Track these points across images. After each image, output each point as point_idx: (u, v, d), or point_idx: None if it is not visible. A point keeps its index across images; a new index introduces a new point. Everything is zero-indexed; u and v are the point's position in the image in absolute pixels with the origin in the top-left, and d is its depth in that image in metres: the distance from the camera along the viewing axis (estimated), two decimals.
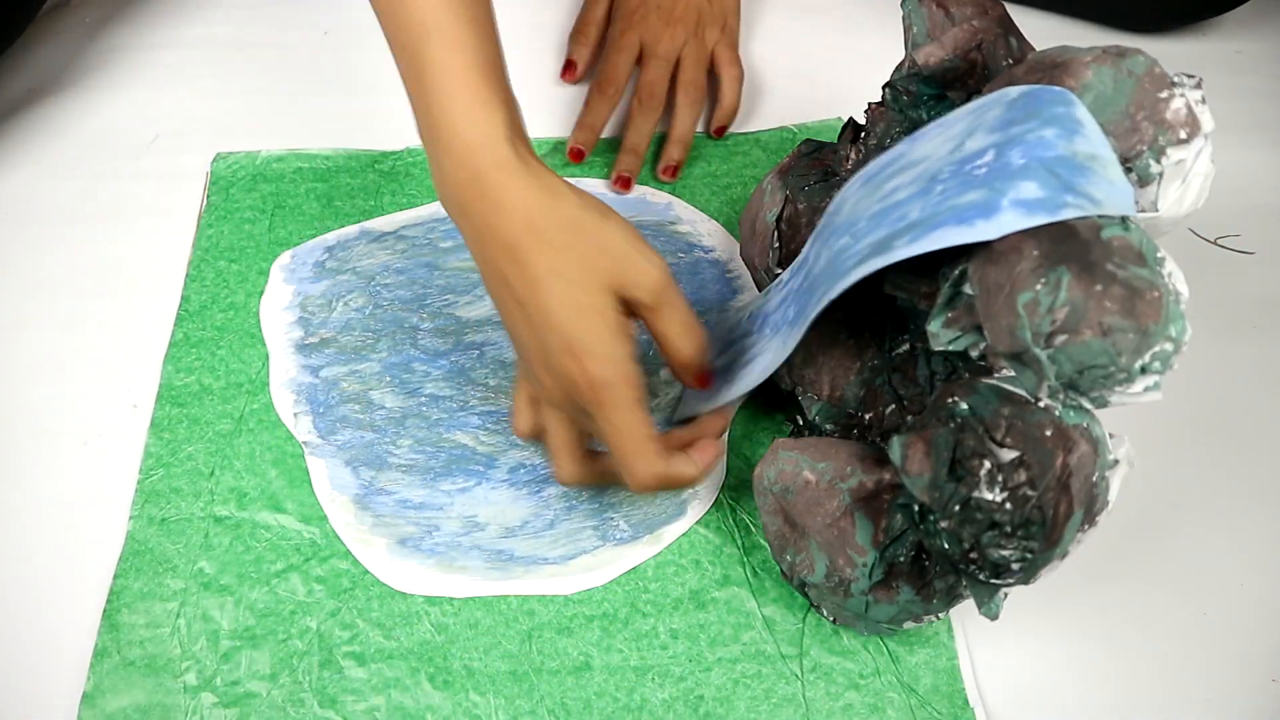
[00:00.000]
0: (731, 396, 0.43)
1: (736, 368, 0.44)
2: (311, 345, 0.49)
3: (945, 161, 0.36)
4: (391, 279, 0.52)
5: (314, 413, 0.47)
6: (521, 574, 0.42)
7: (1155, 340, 0.30)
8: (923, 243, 0.33)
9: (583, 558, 0.43)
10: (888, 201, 0.37)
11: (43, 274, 0.52)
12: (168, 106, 0.60)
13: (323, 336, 0.49)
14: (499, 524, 0.44)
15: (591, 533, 0.44)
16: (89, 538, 0.43)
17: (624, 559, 0.43)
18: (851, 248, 0.37)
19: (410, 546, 0.43)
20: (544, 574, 0.42)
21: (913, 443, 0.34)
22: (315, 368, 0.48)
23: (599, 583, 0.42)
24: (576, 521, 0.44)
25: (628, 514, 0.44)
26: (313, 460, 0.45)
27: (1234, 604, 0.43)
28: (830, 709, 0.39)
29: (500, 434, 0.47)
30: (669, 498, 0.45)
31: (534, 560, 0.43)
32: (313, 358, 0.48)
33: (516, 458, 0.46)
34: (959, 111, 0.37)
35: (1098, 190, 0.32)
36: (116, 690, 0.39)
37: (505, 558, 0.43)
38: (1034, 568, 0.33)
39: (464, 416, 0.47)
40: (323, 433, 0.46)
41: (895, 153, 0.39)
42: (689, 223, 0.55)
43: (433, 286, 0.51)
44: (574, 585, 0.42)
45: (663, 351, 0.40)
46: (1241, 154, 0.59)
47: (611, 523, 0.44)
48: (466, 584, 0.42)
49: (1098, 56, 0.34)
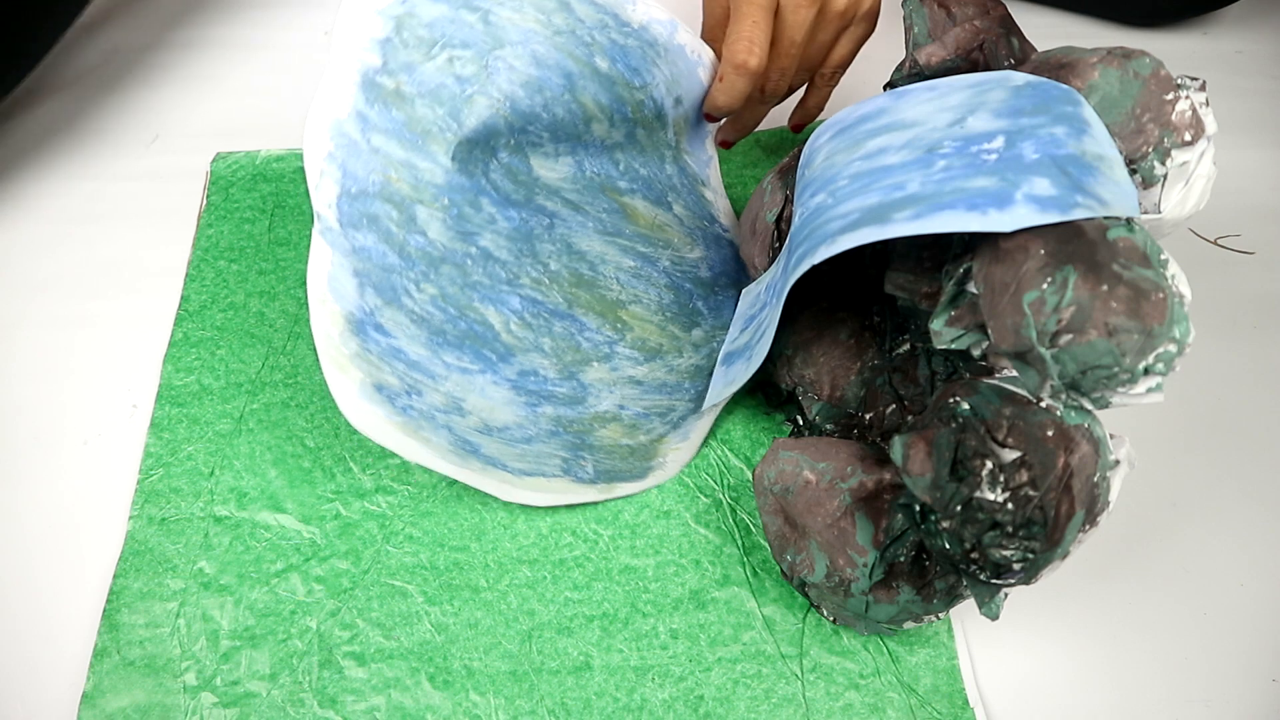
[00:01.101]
0: (749, 371, 0.43)
1: (754, 342, 0.44)
2: (381, 88, 0.36)
3: (945, 134, 0.35)
4: (521, 64, 0.39)
5: (345, 180, 0.36)
6: (478, 469, 0.41)
7: (1160, 341, 0.30)
8: (928, 221, 0.33)
9: (537, 478, 0.42)
10: (874, 163, 0.36)
11: (43, 274, 0.52)
12: (168, 106, 0.60)
13: (400, 86, 0.36)
14: (480, 418, 0.40)
15: (558, 462, 0.43)
16: (89, 538, 0.43)
17: (572, 495, 0.43)
18: (832, 208, 0.36)
19: (385, 395, 0.37)
20: (496, 478, 0.41)
21: (914, 443, 0.34)
22: (370, 122, 0.36)
23: (539, 504, 0.42)
24: (551, 447, 0.43)
25: (599, 460, 0.44)
26: (318, 243, 0.36)
27: (1234, 604, 0.43)
28: (830, 709, 0.39)
29: (532, 330, 0.41)
30: (641, 460, 0.45)
31: (494, 462, 0.41)
32: (375, 107, 0.36)
33: (534, 363, 0.42)
34: (953, 81, 0.37)
35: (1105, 191, 0.32)
36: (116, 690, 0.39)
37: (470, 449, 0.40)
38: (1035, 568, 0.33)
39: (507, 293, 0.40)
40: (344, 218, 0.36)
41: (875, 106, 0.38)
42: (712, 191, 0.52)
43: (555, 108, 0.40)
44: (516, 497, 0.42)
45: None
46: (1242, 154, 0.60)
47: (580, 461, 0.43)
48: (422, 454, 0.38)
49: (1104, 58, 0.34)
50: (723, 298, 0.49)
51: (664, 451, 0.45)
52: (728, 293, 0.49)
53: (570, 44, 0.40)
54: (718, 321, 0.48)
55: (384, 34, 0.36)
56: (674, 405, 0.46)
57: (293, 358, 0.49)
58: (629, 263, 0.45)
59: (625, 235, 0.45)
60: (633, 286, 0.45)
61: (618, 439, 0.44)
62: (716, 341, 0.48)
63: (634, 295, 0.45)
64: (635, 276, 0.45)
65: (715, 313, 0.49)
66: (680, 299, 0.47)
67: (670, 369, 0.46)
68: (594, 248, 0.43)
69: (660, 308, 0.46)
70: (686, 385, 0.47)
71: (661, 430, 0.45)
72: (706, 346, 0.47)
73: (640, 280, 0.45)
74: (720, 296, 0.49)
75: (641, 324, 0.46)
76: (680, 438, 0.46)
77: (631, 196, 0.46)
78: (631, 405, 0.45)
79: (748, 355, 0.44)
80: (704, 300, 0.48)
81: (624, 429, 0.45)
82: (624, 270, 0.45)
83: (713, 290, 0.49)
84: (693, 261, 0.48)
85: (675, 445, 0.45)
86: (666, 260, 0.47)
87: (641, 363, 0.46)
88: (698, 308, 0.48)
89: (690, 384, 0.47)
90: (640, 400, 0.45)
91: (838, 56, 0.50)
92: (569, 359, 0.43)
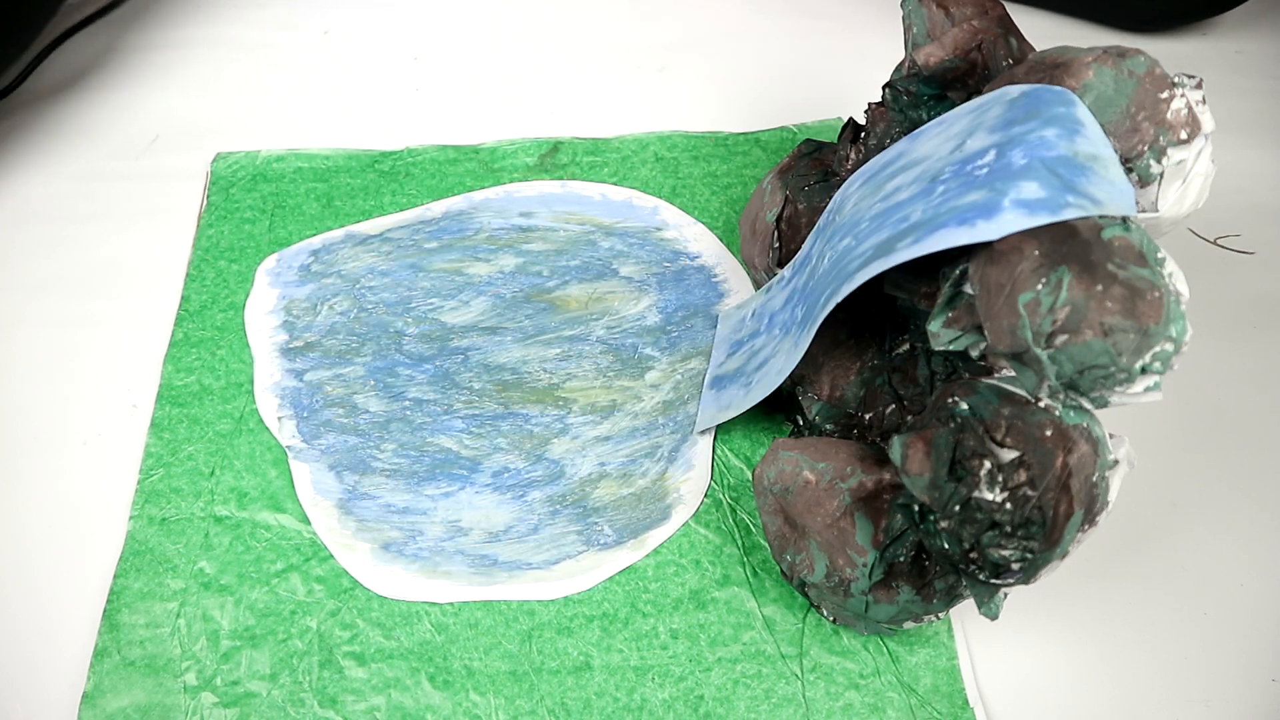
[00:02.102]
0: (750, 402, 0.43)
1: (750, 369, 0.44)
2: (296, 349, 0.49)
3: (946, 161, 0.36)
4: (376, 281, 0.51)
5: (298, 417, 0.46)
6: (506, 579, 0.42)
7: (1156, 340, 0.30)
8: (924, 244, 0.33)
9: (566, 563, 0.43)
10: (889, 202, 0.37)
11: (43, 274, 0.52)
12: (168, 106, 0.60)
13: (307, 340, 0.49)
14: (483, 529, 0.44)
15: (575, 537, 0.44)
16: (89, 538, 0.43)
17: (608, 564, 0.43)
18: (855, 249, 0.37)
19: (394, 551, 0.43)
20: (528, 579, 0.42)
21: (913, 443, 0.34)
22: (299, 371, 0.48)
23: (584, 588, 0.42)
24: (560, 526, 0.44)
25: (611, 519, 0.44)
26: (296, 465, 0.45)
27: (1234, 604, 0.43)
28: (830, 709, 0.39)
29: (484, 438, 0.46)
30: (654, 502, 0.45)
31: (518, 565, 0.43)
32: (297, 361, 0.48)
33: (500, 462, 0.46)
34: (959, 110, 0.37)
35: (1099, 190, 0.32)
36: (116, 690, 0.39)
37: (489, 563, 0.43)
38: (1034, 568, 0.33)
39: (447, 420, 0.47)
40: (306, 437, 0.46)
41: (896, 151, 0.39)
42: (675, 227, 0.54)
43: (417, 289, 0.51)
44: (558, 590, 0.42)
45: None
46: (1241, 154, 0.59)
47: (596, 528, 0.44)
48: (451, 589, 0.42)
49: (1099, 56, 0.34)
50: (678, 333, 0.50)
51: (674, 487, 0.45)
52: (687, 324, 0.51)
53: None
54: (674, 355, 0.49)
55: (280, 320, 0.50)
56: (658, 443, 0.46)
57: None
58: (553, 352, 0.49)
59: (550, 329, 0.50)
60: (563, 369, 0.49)
61: (617, 492, 0.45)
62: (679, 374, 0.49)
63: (566, 375, 0.48)
64: (563, 360, 0.49)
65: (671, 349, 0.50)
66: (622, 355, 0.49)
67: (634, 415, 0.47)
68: (513, 356, 0.49)
69: (599, 372, 0.49)
70: (661, 421, 0.47)
71: (657, 469, 0.46)
72: (668, 382, 0.48)
73: (569, 360, 0.49)
74: (675, 333, 0.50)
75: (583, 393, 0.48)
76: (683, 468, 0.46)
77: (564, 288, 0.51)
78: (611, 459, 0.46)
79: (745, 383, 0.44)
80: (653, 344, 0.50)
81: (616, 482, 0.45)
82: (549, 360, 0.49)
83: (663, 331, 0.50)
84: (636, 315, 0.51)
85: (683, 477, 0.46)
86: (601, 329, 0.50)
87: (600, 422, 0.47)
88: (645, 355, 0.49)
89: (664, 418, 0.47)
90: (617, 452, 0.46)
91: None
92: (528, 446, 0.46)
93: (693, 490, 0.45)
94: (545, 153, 0.57)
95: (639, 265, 0.53)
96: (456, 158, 0.57)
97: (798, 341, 0.40)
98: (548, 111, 0.60)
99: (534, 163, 0.57)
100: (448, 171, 0.57)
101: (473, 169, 0.57)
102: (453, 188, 0.56)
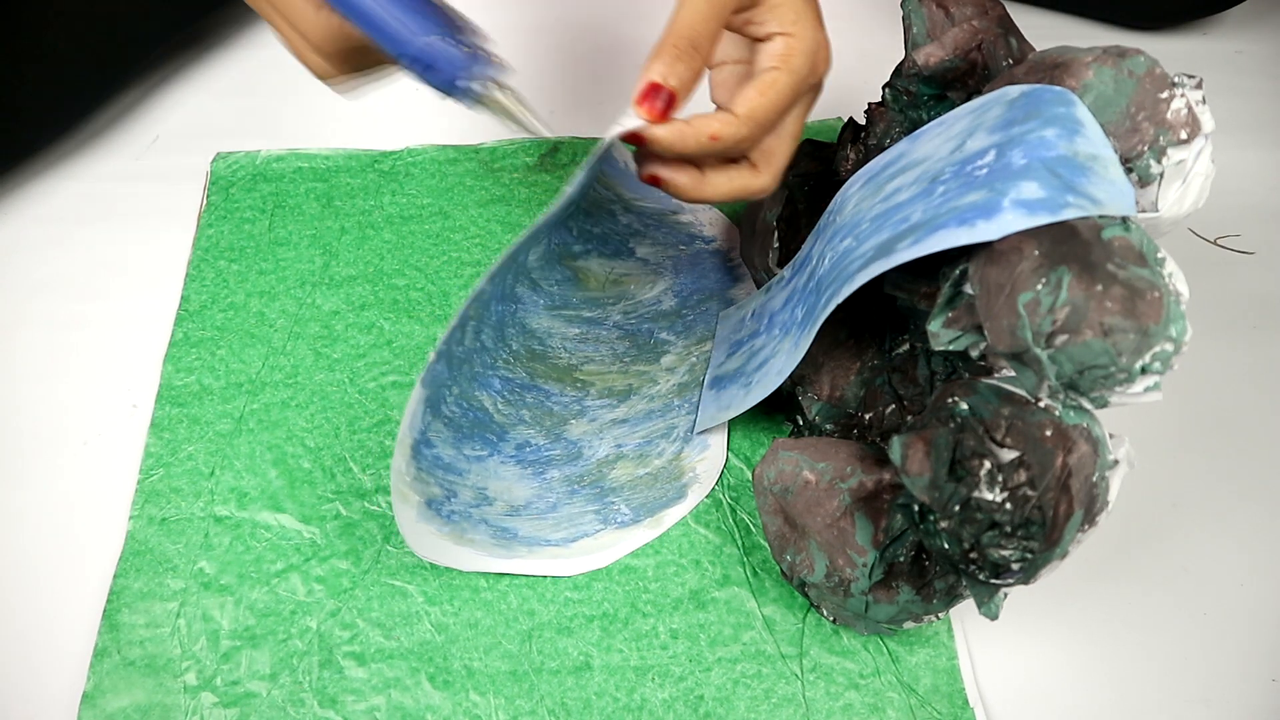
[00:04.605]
0: (750, 402, 0.43)
1: (750, 369, 0.44)
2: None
3: (946, 162, 0.36)
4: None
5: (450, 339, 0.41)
6: (525, 553, 0.42)
7: (1156, 340, 0.30)
8: (924, 244, 0.33)
9: (584, 540, 0.43)
10: (890, 203, 0.37)
11: (43, 274, 0.52)
12: (168, 106, 0.60)
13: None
14: (505, 501, 0.43)
15: (593, 517, 0.44)
16: (89, 538, 0.43)
17: (625, 542, 0.43)
18: (855, 250, 0.37)
19: (434, 509, 0.41)
20: (546, 554, 0.42)
21: (913, 443, 0.34)
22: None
23: (601, 565, 0.42)
24: (578, 505, 0.44)
25: (629, 498, 0.44)
26: (417, 391, 0.39)
27: (1234, 604, 0.43)
28: (830, 709, 0.39)
29: (512, 405, 0.45)
30: (670, 482, 0.45)
31: (537, 541, 0.43)
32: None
33: (523, 435, 0.45)
34: (959, 111, 0.37)
35: (1099, 190, 0.32)
36: (116, 690, 0.39)
37: (509, 536, 0.43)
38: (1034, 568, 0.33)
39: (491, 377, 0.45)
40: (438, 357, 0.40)
41: (896, 152, 0.39)
42: (691, 211, 0.54)
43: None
44: (576, 567, 0.42)
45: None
46: (1241, 154, 0.59)
47: (613, 506, 0.44)
48: (474, 558, 0.42)
49: (1098, 56, 0.34)
50: (693, 316, 0.50)
51: (689, 467, 0.45)
52: (703, 307, 0.51)
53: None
54: (690, 339, 0.49)
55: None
56: (673, 424, 0.46)
57: (293, 358, 0.49)
58: (574, 331, 0.49)
59: (571, 305, 0.49)
60: (581, 351, 0.48)
61: (634, 472, 0.45)
62: (694, 357, 0.49)
63: (585, 358, 0.48)
64: (581, 342, 0.49)
65: (687, 332, 0.50)
66: (639, 340, 0.49)
67: (649, 398, 0.47)
68: (542, 324, 0.48)
69: (615, 357, 0.49)
70: (677, 403, 0.47)
71: (673, 449, 0.46)
72: (684, 365, 0.48)
73: (587, 344, 0.49)
74: (691, 315, 0.50)
75: (601, 377, 0.48)
76: (699, 449, 0.46)
77: (586, 259, 0.50)
78: (628, 441, 0.46)
79: (745, 383, 0.44)
80: (669, 329, 0.50)
81: (633, 463, 0.45)
82: (569, 339, 0.48)
83: (679, 315, 0.50)
84: (652, 299, 0.51)
85: (699, 457, 0.46)
86: (618, 314, 0.50)
87: (617, 405, 0.47)
88: (661, 339, 0.49)
89: (680, 400, 0.47)
90: (634, 434, 0.46)
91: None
92: (548, 424, 0.46)
93: (708, 470, 0.45)
94: (545, 153, 0.57)
95: (655, 247, 0.52)
96: (456, 158, 0.57)
97: (798, 342, 0.40)
98: (548, 111, 0.60)
99: (534, 163, 0.57)
100: (447, 171, 0.57)
101: (472, 169, 0.57)
102: (453, 187, 0.56)
